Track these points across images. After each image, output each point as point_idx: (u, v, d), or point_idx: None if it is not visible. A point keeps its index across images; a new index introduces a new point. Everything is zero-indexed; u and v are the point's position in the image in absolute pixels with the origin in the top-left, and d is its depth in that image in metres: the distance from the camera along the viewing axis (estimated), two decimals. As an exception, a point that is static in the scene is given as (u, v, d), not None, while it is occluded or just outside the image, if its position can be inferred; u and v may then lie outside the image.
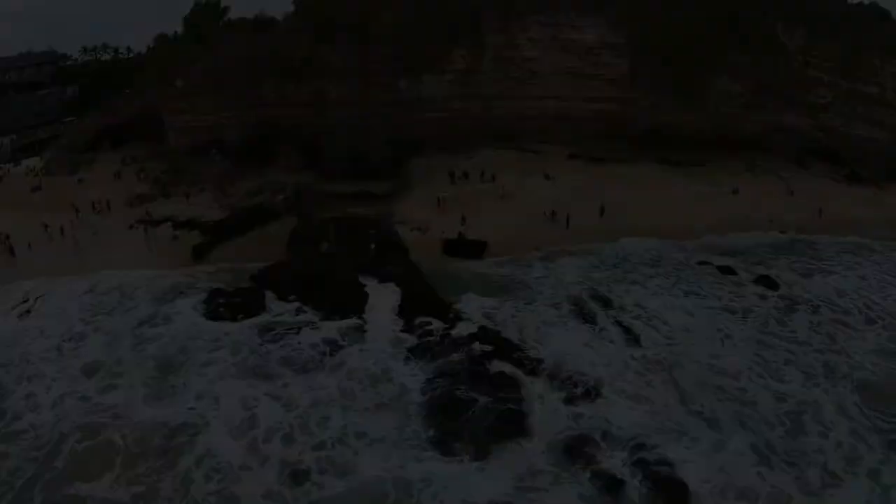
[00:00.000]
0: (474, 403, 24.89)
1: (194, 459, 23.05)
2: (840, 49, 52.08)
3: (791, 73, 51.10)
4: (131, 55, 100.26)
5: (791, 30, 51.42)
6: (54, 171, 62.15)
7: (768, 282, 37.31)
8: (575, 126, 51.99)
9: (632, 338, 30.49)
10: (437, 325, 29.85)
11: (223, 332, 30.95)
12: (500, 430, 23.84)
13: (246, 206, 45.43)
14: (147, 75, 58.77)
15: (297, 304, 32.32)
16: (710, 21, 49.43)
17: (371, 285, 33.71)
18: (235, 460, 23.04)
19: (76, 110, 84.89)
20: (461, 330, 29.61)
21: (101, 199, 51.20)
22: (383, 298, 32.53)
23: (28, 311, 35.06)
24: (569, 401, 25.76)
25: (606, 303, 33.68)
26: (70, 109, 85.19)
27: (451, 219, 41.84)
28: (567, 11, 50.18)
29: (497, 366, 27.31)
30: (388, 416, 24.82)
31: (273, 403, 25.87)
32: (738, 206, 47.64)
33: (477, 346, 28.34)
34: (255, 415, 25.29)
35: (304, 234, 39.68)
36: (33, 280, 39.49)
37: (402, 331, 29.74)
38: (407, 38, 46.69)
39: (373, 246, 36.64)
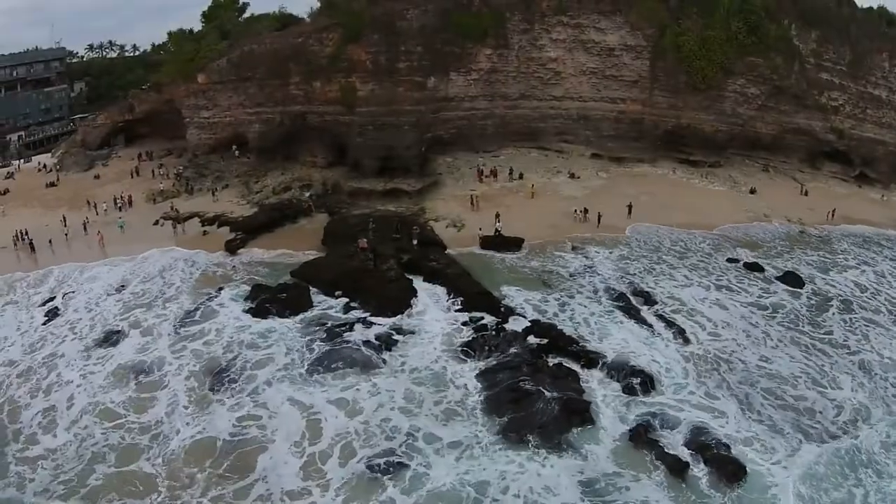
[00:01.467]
0: (539, 395, 25.50)
1: (245, 485, 21.61)
2: (850, 52, 53.74)
3: (804, 75, 52.52)
4: (137, 52, 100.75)
5: (804, 33, 52.86)
6: (68, 167, 61.80)
7: (794, 278, 38.47)
8: (596, 126, 52.98)
9: (676, 331, 31.33)
10: (489, 319, 30.44)
11: (272, 330, 30.68)
12: (567, 420, 24.50)
13: (274, 203, 45.58)
14: (165, 71, 58.35)
15: (343, 300, 32.45)
16: (728, 24, 50.60)
17: (417, 281, 34.20)
18: (290, 484, 21.71)
19: (84, 107, 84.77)
20: (514, 324, 30.27)
21: (122, 195, 51.16)
22: (431, 294, 33.00)
23: (56, 309, 34.37)
24: (627, 392, 26.51)
25: (644, 295, 34.59)
26: (78, 106, 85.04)
27: (485, 216, 42.53)
28: (589, 13, 51.01)
29: (554, 359, 28.13)
30: (455, 416, 24.75)
31: (335, 410, 24.95)
32: (757, 206, 49.11)
33: (532, 339, 29.14)
34: (316, 424, 24.19)
35: (339, 229, 39.97)
36: (61, 272, 39.20)
37: (456, 326, 30.17)
38: (434, 37, 47.13)
39: (415, 242, 37.05)
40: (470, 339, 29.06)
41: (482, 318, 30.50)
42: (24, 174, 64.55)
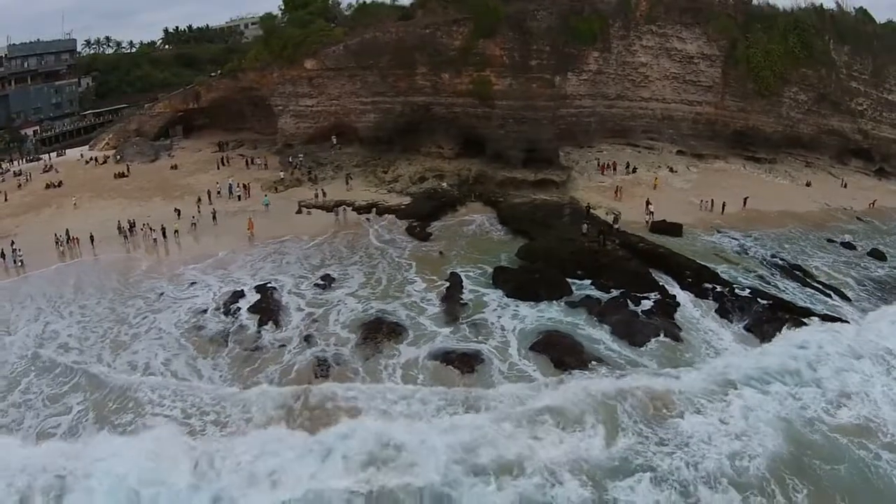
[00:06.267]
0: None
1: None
2: (871, 63, 66.23)
3: (839, 84, 64.14)
4: (134, 49, 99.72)
5: (839, 47, 64.50)
6: (131, 157, 61.14)
7: (878, 253, 48.55)
8: (677, 126, 61.35)
9: (839, 294, 39.65)
10: (720, 288, 36.89)
11: (569, 317, 32.62)
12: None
13: (422, 192, 49.01)
14: (253, 56, 59.07)
15: (588, 282, 36.54)
16: (785, 39, 60.95)
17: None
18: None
19: (94, 102, 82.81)
20: (738, 291, 37.02)
21: (238, 184, 52.14)
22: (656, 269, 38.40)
23: (264, 309, 33.35)
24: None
25: (799, 268, 42.60)
26: (87, 101, 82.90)
27: (626, 204, 49.09)
28: (674, 24, 59.27)
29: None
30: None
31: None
32: (816, 196, 59.53)
33: (762, 301, 35.98)
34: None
35: (515, 216, 44.60)
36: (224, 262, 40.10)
37: (697, 296, 36.04)
38: (557, 38, 52.77)
39: (616, 226, 42.76)
40: (719, 305, 35.10)
41: (714, 287, 37.00)
42: (69, 167, 62.78)
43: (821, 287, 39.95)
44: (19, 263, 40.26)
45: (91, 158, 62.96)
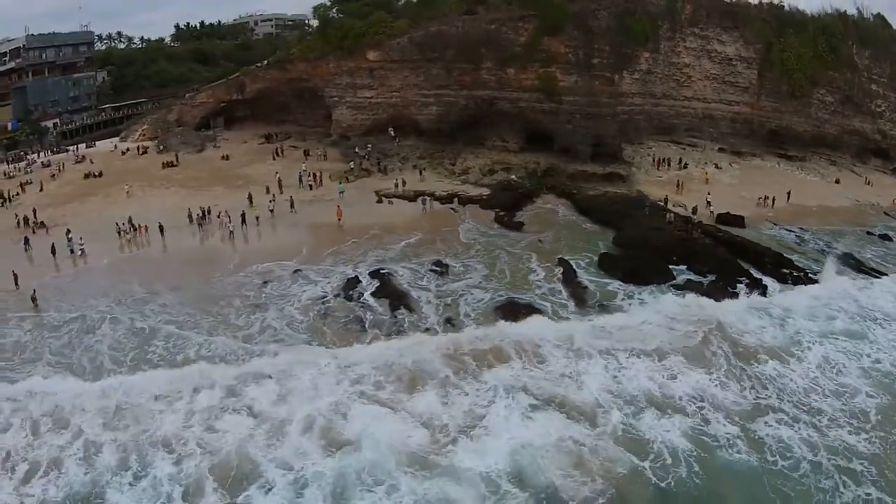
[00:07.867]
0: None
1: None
2: (889, 67, 71.68)
3: (861, 87, 69.38)
4: (144, 44, 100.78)
5: (861, 51, 69.71)
6: (175, 147, 62.01)
7: (914, 244, 53.48)
8: (717, 124, 65.54)
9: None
10: (797, 273, 40.91)
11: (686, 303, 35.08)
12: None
13: (498, 184, 51.54)
14: (309, 46, 60.80)
15: (684, 267, 39.70)
16: (815, 44, 65.80)
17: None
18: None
19: (111, 97, 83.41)
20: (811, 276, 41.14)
21: (310, 174, 53.67)
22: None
23: (392, 293, 34.05)
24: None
25: (852, 258, 46.99)
26: (104, 95, 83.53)
27: (687, 198, 52.80)
28: (714, 27, 63.44)
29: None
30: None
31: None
32: (847, 193, 64.38)
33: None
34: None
35: (595, 209, 47.86)
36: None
37: (779, 281, 40.04)
38: (615, 38, 56.28)
39: (695, 217, 46.35)
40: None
41: (791, 272, 40.86)
42: (103, 157, 63.30)
43: (876, 275, 44.38)
44: (79, 253, 39.10)
45: (127, 149, 63.63)
